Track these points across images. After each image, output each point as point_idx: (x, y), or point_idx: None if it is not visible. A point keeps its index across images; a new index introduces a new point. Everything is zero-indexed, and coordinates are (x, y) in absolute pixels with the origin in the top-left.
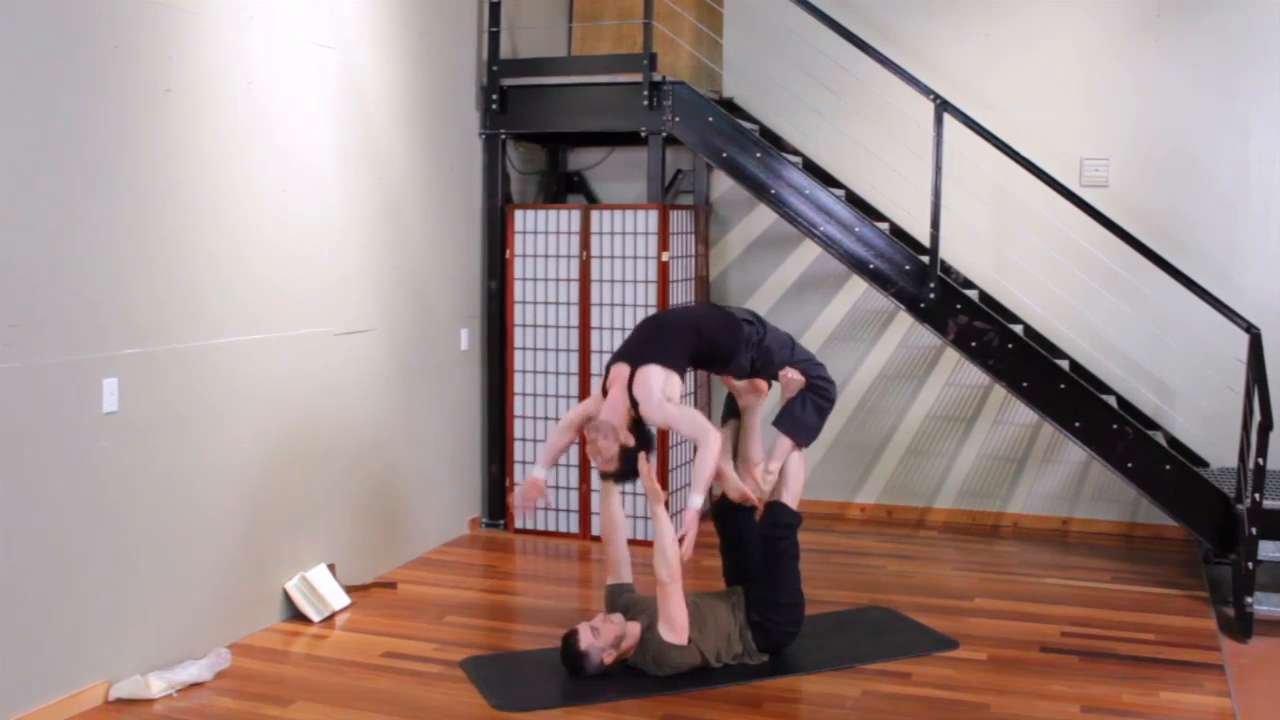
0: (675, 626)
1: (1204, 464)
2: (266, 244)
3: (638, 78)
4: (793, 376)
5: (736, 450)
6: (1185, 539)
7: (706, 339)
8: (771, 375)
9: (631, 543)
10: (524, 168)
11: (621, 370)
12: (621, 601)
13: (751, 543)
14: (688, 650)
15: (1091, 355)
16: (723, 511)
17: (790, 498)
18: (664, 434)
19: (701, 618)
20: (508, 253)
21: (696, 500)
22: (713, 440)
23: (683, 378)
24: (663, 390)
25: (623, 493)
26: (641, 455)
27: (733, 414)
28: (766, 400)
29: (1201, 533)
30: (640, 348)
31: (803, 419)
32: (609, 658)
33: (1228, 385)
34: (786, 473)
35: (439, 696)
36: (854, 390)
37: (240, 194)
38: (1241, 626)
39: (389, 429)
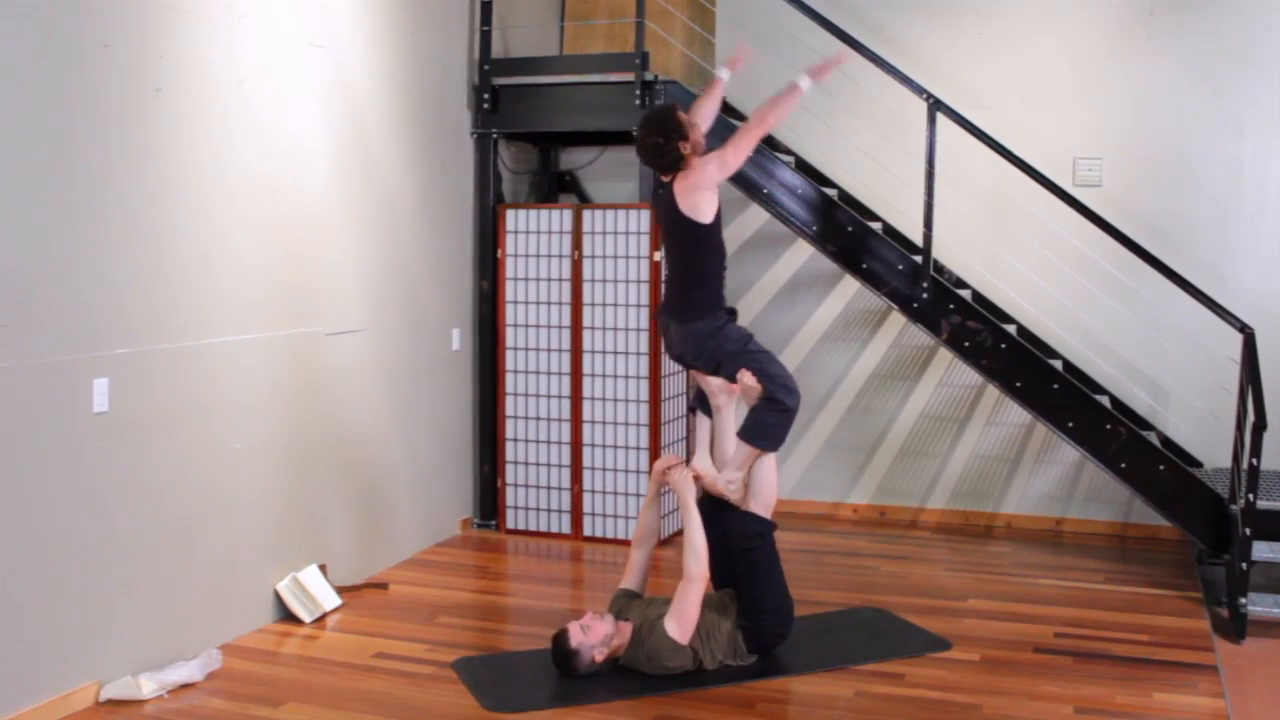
0: (685, 622)
1: (1198, 464)
2: (257, 243)
3: (630, 77)
4: (749, 383)
5: (714, 449)
6: (1179, 540)
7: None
8: (730, 374)
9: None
10: (516, 167)
11: None
12: (619, 604)
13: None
14: (684, 652)
15: (1085, 355)
16: (706, 512)
17: (761, 505)
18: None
19: (707, 629)
20: (499, 252)
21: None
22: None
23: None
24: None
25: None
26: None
27: (704, 408)
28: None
29: (1195, 533)
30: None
31: (765, 425)
32: (600, 655)
33: (1221, 385)
34: (756, 480)
35: (430, 697)
36: (847, 390)
37: (231, 193)
38: (1235, 627)
39: (380, 429)
